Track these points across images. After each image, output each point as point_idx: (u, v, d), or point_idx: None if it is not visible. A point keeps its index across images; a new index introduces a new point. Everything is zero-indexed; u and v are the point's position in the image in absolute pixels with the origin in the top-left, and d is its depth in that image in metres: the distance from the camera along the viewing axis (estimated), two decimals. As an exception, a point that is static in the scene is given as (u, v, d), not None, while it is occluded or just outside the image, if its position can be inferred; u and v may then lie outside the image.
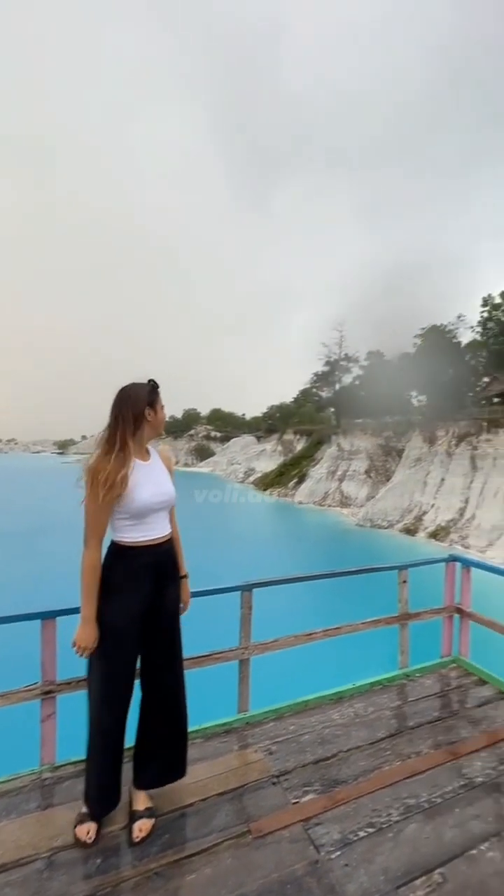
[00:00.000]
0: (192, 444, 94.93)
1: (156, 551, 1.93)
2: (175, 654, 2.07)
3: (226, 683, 3.00)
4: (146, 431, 1.93)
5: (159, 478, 1.96)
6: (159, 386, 1.97)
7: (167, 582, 1.99)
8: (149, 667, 2.02)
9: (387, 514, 31.13)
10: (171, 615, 2.04)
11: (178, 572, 2.09)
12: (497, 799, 2.17)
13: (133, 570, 1.88)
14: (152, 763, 2.03)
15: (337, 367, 53.89)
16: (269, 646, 2.89)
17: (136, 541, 1.89)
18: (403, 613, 3.40)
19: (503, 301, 41.01)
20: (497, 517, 24.52)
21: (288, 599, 10.85)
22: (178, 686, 2.08)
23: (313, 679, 3.42)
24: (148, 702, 2.04)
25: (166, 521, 2.01)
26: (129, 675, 1.93)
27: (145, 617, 1.92)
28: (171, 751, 2.06)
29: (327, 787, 2.23)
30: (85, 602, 1.83)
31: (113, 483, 1.76)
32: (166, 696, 2.04)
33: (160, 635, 2.00)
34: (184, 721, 2.09)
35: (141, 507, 1.85)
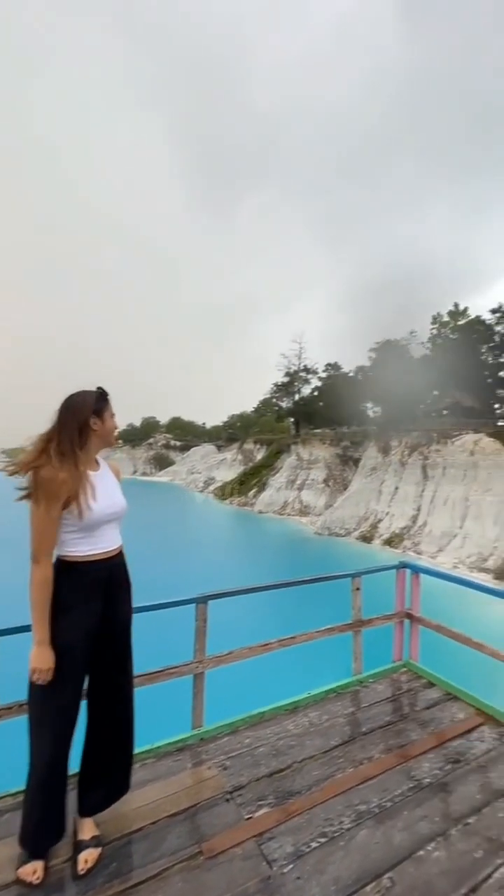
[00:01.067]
0: (151, 453, 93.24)
1: (107, 565, 1.86)
2: (127, 672, 1.99)
3: (180, 699, 2.93)
4: (94, 441, 1.85)
5: (110, 489, 1.89)
6: (108, 394, 1.89)
7: (119, 596, 1.91)
8: (98, 687, 1.93)
9: (344, 522, 31.86)
10: (123, 632, 1.96)
11: (128, 587, 2.00)
12: (443, 798, 2.24)
13: (83, 586, 1.79)
14: (98, 787, 1.93)
15: (296, 378, 54.98)
16: (224, 658, 2.86)
17: (85, 555, 1.80)
18: (356, 620, 3.47)
19: (451, 319, 43.58)
20: (446, 524, 25.72)
21: (245, 610, 10.82)
22: (129, 706, 2.00)
23: (270, 690, 3.41)
24: (96, 724, 1.94)
25: (117, 533, 1.94)
26: (76, 697, 1.82)
27: (97, 635, 1.83)
28: (117, 771, 1.98)
29: (281, 799, 2.21)
30: (38, 623, 1.71)
31: (63, 494, 1.69)
32: (116, 717, 1.96)
33: (112, 653, 1.91)
34: (131, 740, 2.02)
35: (94, 519, 1.77)
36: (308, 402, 54.21)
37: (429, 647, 3.78)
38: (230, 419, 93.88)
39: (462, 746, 2.65)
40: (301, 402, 54.53)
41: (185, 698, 2.80)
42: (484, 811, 2.14)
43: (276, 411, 63.60)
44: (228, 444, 73.95)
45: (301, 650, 3.30)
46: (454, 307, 44.29)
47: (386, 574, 3.74)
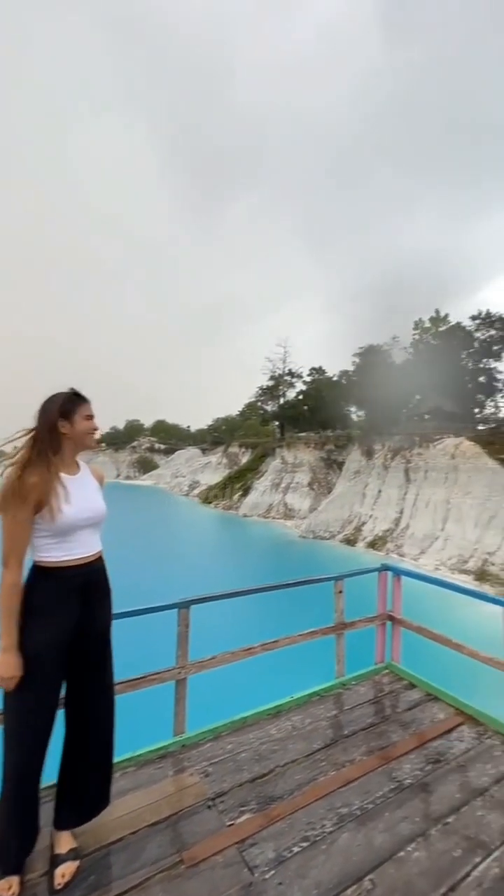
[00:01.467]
0: (135, 457, 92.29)
1: (84, 571, 1.81)
2: (105, 680, 1.95)
3: (162, 705, 2.90)
4: (67, 444, 1.81)
5: (89, 493, 1.86)
6: (80, 395, 1.85)
7: (97, 603, 1.87)
8: (76, 696, 1.89)
9: (328, 525, 32.04)
10: (101, 639, 1.91)
11: (107, 594, 1.96)
12: (424, 799, 2.27)
13: (58, 593, 1.75)
14: (75, 800, 1.89)
15: (281, 382, 55.22)
16: (207, 664, 2.84)
17: (60, 560, 1.76)
18: (339, 623, 3.50)
19: (432, 325, 44.42)
20: (428, 526, 26.10)
21: (228, 614, 10.73)
22: (108, 716, 1.96)
23: (253, 695, 3.39)
24: (74, 735, 1.90)
25: (96, 539, 1.90)
26: (52, 707, 1.78)
27: (72, 642, 1.79)
28: (96, 784, 1.93)
29: (263, 804, 2.21)
30: (5, 629, 1.67)
31: (33, 498, 1.66)
32: (95, 727, 1.91)
33: (89, 662, 1.87)
34: (111, 751, 1.98)
35: (66, 523, 1.73)
36: (293, 405, 54.49)
37: (411, 648, 3.82)
38: (215, 422, 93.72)
39: (442, 746, 2.68)
40: (286, 405, 54.77)
41: (167, 705, 2.77)
42: (463, 810, 2.17)
43: (261, 415, 63.74)
44: (213, 448, 73.80)
45: (285, 654, 3.30)
46: (435, 313, 45.15)
47: (369, 577, 3.78)
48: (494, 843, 1.97)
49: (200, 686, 3.12)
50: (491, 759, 2.57)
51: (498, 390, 41.01)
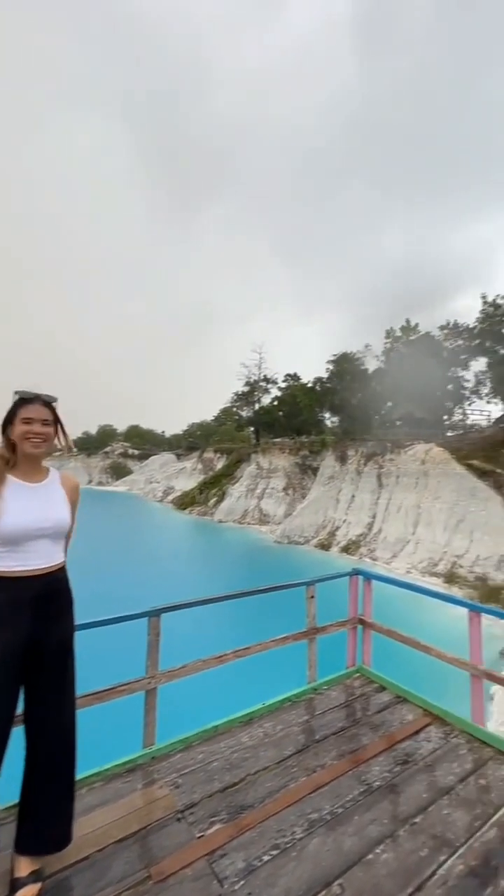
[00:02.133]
0: (108, 462, 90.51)
1: (38, 582, 1.74)
2: (64, 696, 1.86)
3: (131, 717, 2.84)
4: (20, 451, 1.75)
5: (48, 502, 1.80)
6: (25, 397, 1.77)
7: (54, 616, 1.80)
8: (32, 712, 1.80)
9: (303, 530, 32.25)
10: (58, 654, 1.82)
11: (67, 607, 1.88)
12: (392, 800, 2.30)
13: (7, 604, 1.68)
14: (37, 821, 1.81)
15: (256, 388, 55.47)
16: (178, 672, 2.81)
17: (11, 570, 1.70)
18: (311, 628, 3.52)
19: (403, 334, 45.65)
20: (400, 531, 26.65)
21: (200, 622, 10.62)
22: (68, 732, 1.86)
23: (224, 702, 3.37)
24: (32, 752, 1.82)
25: (54, 550, 1.83)
26: (2, 721, 1.70)
27: (26, 656, 1.72)
28: (55, 815, 1.83)
29: (234, 814, 2.19)
30: None
31: None
32: (52, 745, 1.83)
33: (45, 676, 1.79)
34: (72, 769, 1.88)
35: (11, 532, 1.67)
36: (268, 411, 54.77)
37: (384, 651, 3.88)
38: (190, 428, 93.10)
39: (410, 747, 2.73)
40: (261, 411, 55.00)
41: (137, 716, 2.72)
42: (429, 809, 2.21)
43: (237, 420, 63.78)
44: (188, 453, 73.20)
45: (257, 660, 3.30)
46: (406, 322, 46.45)
47: (341, 581, 3.82)
48: (459, 841, 2.02)
49: (171, 695, 3.07)
50: (456, 757, 2.63)
51: (465, 398, 42.44)
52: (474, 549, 22.04)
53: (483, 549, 21.66)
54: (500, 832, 2.08)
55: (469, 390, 41.61)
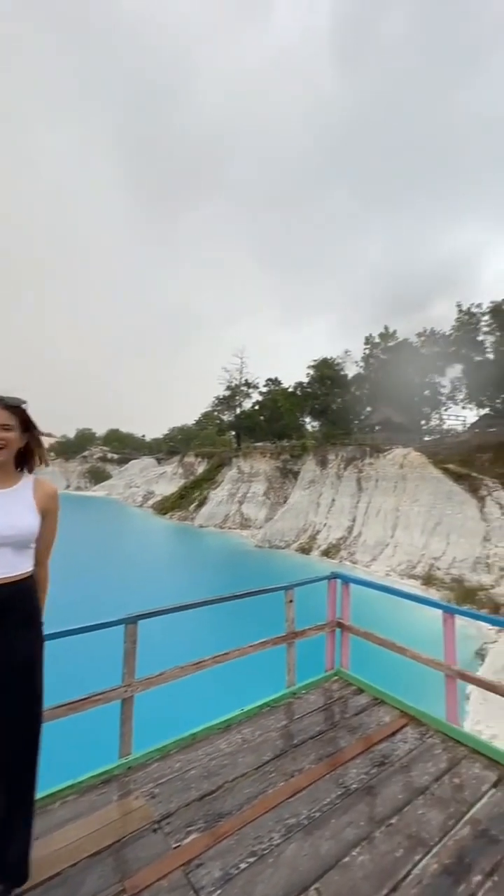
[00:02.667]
0: (86, 467, 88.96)
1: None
2: (25, 713, 1.74)
3: (107, 727, 2.79)
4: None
5: (11, 510, 1.73)
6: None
7: (14, 628, 1.71)
8: None
9: (284, 534, 32.33)
10: (16, 671, 1.72)
11: (30, 620, 1.80)
12: (369, 802, 2.32)
13: None
14: None
15: (238, 392, 55.52)
16: (155, 680, 2.77)
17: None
18: (290, 633, 3.53)
19: (381, 341, 46.50)
20: (379, 534, 27.00)
21: (178, 628, 10.49)
22: (28, 751, 1.75)
23: (203, 709, 3.34)
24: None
25: (19, 560, 1.75)
26: None
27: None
28: (11, 844, 1.73)
29: (211, 822, 2.17)
30: None
31: None
32: (11, 763, 1.73)
33: (4, 692, 1.69)
34: (32, 790, 1.76)
35: None
36: (249, 415, 54.88)
37: (362, 653, 3.92)
38: (171, 432, 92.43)
39: (387, 749, 2.76)
40: (242, 415, 55.05)
41: (113, 725, 2.67)
42: (405, 810, 2.24)
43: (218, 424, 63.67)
44: (169, 458, 72.67)
45: (236, 666, 3.28)
46: (385, 329, 47.35)
47: (321, 585, 3.84)
48: (433, 840, 2.05)
49: (148, 704, 3.03)
50: (432, 757, 2.67)
51: (442, 403, 43.48)
52: (451, 552, 22.50)
53: (459, 551, 22.14)
54: (473, 829, 2.12)
55: (445, 396, 42.70)
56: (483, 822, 2.16)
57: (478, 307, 38.71)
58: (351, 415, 44.97)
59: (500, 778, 2.49)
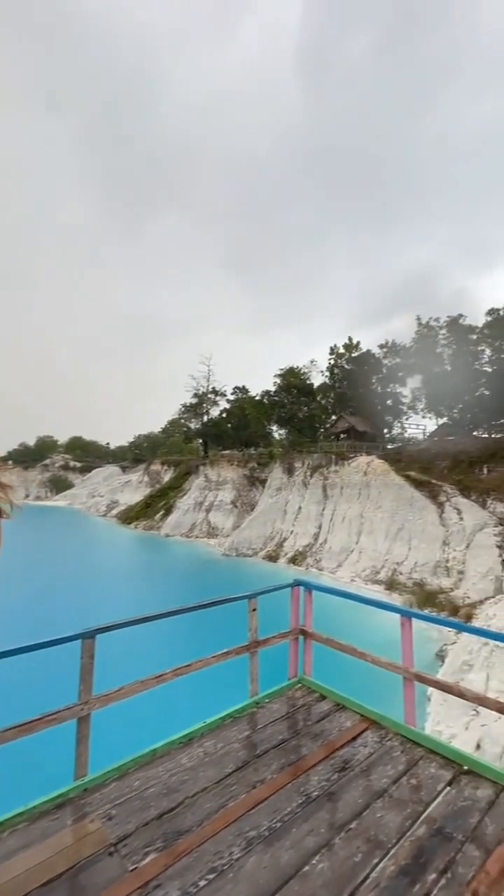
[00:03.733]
0: (47, 475, 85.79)
1: None
2: None
3: (62, 747, 2.68)
4: None
5: None
6: None
7: None
8: None
9: (251, 542, 32.31)
10: None
11: None
12: (329, 808, 2.33)
13: None
14: None
15: (205, 400, 55.36)
16: (114, 696, 2.69)
17: None
18: (253, 641, 3.52)
19: (346, 351, 47.74)
20: (344, 540, 27.48)
21: (139, 641, 10.19)
22: None
23: (164, 724, 3.26)
24: None
25: None
26: None
27: None
28: None
29: (170, 841, 2.11)
30: None
31: None
32: None
33: None
34: None
35: None
36: (216, 423, 54.78)
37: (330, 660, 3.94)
38: (136, 439, 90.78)
39: (348, 754, 2.79)
40: (209, 423, 54.89)
41: (69, 746, 2.57)
42: (364, 814, 2.27)
43: (185, 432, 63.15)
44: (134, 466, 71.23)
45: (199, 677, 3.23)
46: (349, 340, 48.67)
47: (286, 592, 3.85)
48: (391, 841, 2.08)
49: (107, 721, 2.94)
50: (391, 759, 2.73)
51: (403, 413, 45.02)
52: (412, 556, 23.19)
53: (420, 555, 22.85)
54: (429, 828, 2.17)
55: (407, 405, 44.29)
56: (438, 821, 2.22)
57: (436, 321, 40.56)
58: (317, 423, 45.76)
59: (455, 776, 2.57)
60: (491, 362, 35.96)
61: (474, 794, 2.41)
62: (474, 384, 36.58)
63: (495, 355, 35.59)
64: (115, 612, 2.44)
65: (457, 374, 37.22)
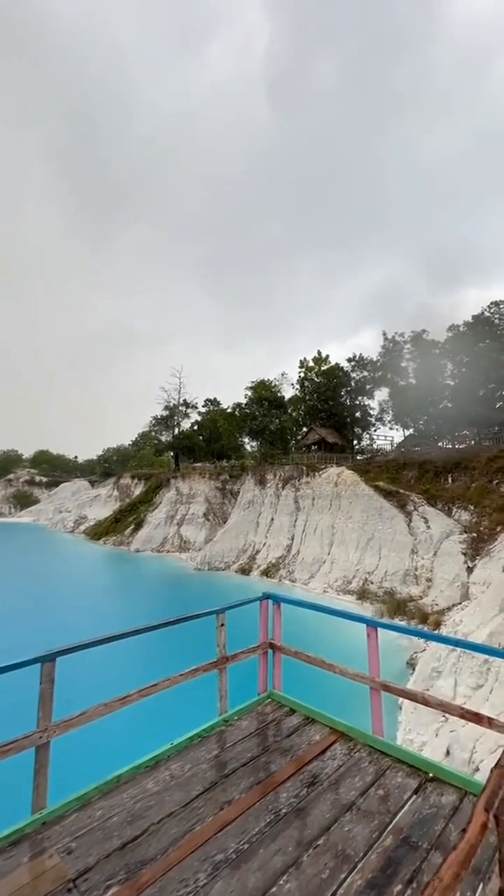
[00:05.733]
0: (11, 491, 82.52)
1: None
2: None
3: (19, 779, 2.54)
4: None
5: None
6: None
7: None
8: None
9: (224, 555, 32.01)
10: None
11: None
12: (298, 825, 2.30)
13: None
14: None
15: (176, 412, 54.93)
16: (75, 721, 2.59)
17: None
18: (221, 658, 3.47)
19: (315, 365, 48.68)
20: (316, 551, 27.65)
21: (103, 662, 9.79)
22: None
23: (129, 748, 3.15)
24: None
25: None
26: None
27: None
28: None
29: (133, 872, 2.03)
30: None
31: None
32: None
33: None
34: None
35: None
36: (188, 436, 54.38)
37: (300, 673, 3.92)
38: (105, 453, 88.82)
39: (317, 768, 2.78)
40: (181, 435, 54.41)
41: (26, 777, 2.44)
42: (332, 829, 2.26)
43: (156, 445, 62.31)
44: (103, 480, 69.57)
45: (166, 697, 3.15)
46: (318, 354, 49.70)
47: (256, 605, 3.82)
48: (358, 855, 2.08)
49: (68, 748, 2.81)
50: (359, 771, 2.73)
51: (371, 424, 46.17)
52: (383, 565, 23.56)
53: (390, 564, 23.24)
54: (396, 839, 2.18)
55: (374, 417, 45.51)
56: (405, 830, 2.23)
57: (401, 336, 42.04)
58: (288, 435, 46.21)
59: (421, 784, 2.60)
60: (453, 376, 37.51)
61: (439, 800, 2.45)
62: (438, 396, 38.02)
63: (457, 369, 37.16)
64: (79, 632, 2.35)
65: (421, 386, 38.60)
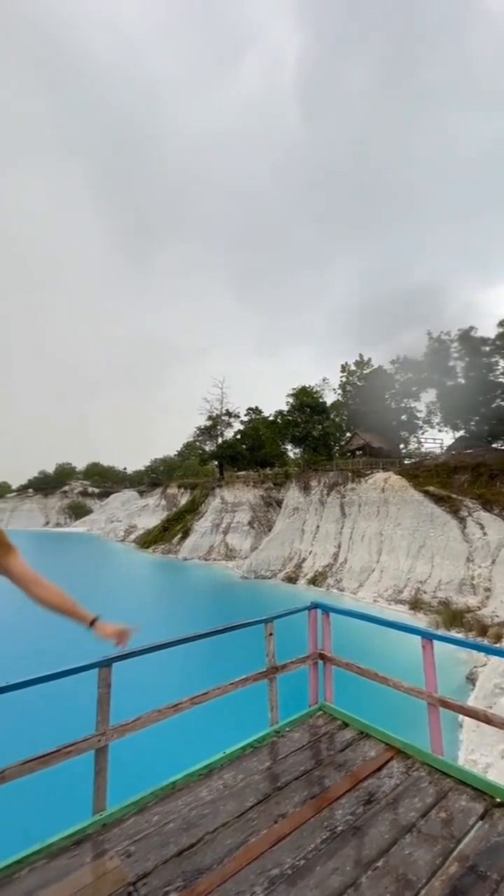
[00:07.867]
0: (66, 502, 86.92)
1: None
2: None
3: (80, 780, 2.64)
4: None
5: None
6: None
7: None
8: None
9: (269, 563, 31.88)
10: None
11: None
12: (355, 844, 2.23)
13: None
14: None
15: (219, 422, 55.80)
16: (131, 726, 2.66)
17: None
18: (271, 667, 3.45)
19: (357, 369, 47.87)
20: (365, 559, 26.90)
21: (154, 670, 9.99)
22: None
23: (183, 755, 3.20)
24: None
25: None
26: None
27: None
28: None
29: (190, 880, 2.05)
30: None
31: None
32: None
33: None
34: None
35: None
36: (231, 444, 55.00)
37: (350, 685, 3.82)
38: (153, 463, 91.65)
39: (373, 785, 2.69)
40: (224, 444, 55.14)
41: (87, 779, 2.54)
42: (392, 851, 2.17)
43: (200, 454, 63.52)
44: (151, 490, 71.69)
45: (217, 706, 3.18)
46: (360, 357, 48.85)
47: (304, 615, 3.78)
48: (421, 881, 1.98)
49: (125, 752, 2.90)
50: (418, 791, 2.61)
51: (419, 427, 44.56)
52: (436, 574, 22.52)
53: (444, 573, 22.17)
54: (461, 866, 2.06)
55: (422, 420, 43.85)
56: (471, 858, 2.10)
57: (447, 335, 40.45)
58: (331, 440, 45.56)
59: (487, 809, 2.44)
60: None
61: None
62: (490, 396, 36.10)
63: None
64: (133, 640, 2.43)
65: (471, 386, 36.82)
